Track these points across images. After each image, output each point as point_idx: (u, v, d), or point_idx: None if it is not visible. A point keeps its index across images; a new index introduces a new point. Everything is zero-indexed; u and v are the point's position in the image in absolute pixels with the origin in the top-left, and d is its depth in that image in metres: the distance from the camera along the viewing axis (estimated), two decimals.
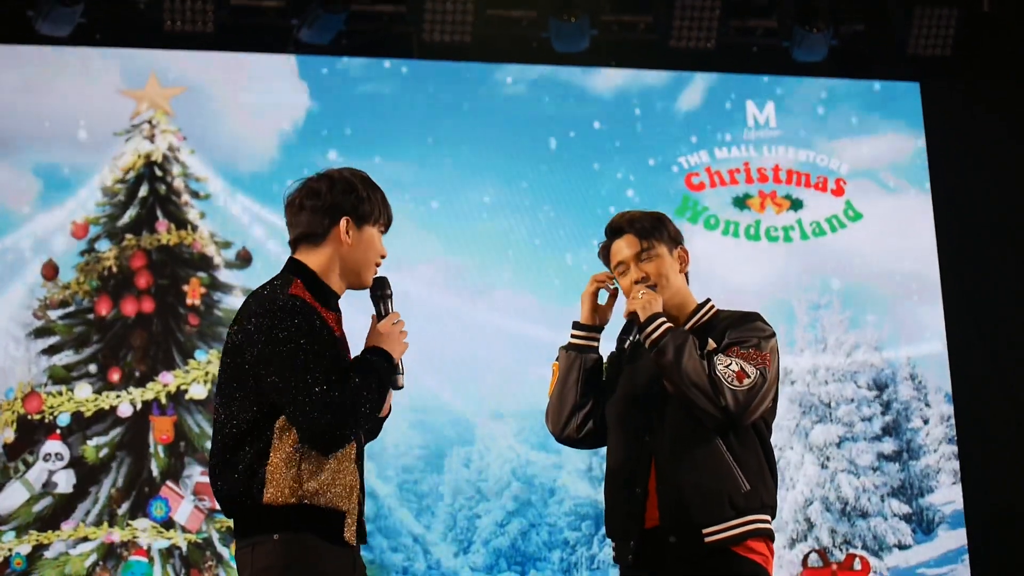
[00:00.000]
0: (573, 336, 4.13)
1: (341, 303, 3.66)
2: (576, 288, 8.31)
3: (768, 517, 3.86)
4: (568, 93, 8.92)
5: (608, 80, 8.98)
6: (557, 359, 4.16)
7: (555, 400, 4.14)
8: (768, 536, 3.85)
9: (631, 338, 3.94)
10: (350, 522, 3.48)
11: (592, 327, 4.11)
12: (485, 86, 8.87)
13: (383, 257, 3.66)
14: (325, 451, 3.40)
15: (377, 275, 3.68)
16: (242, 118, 8.47)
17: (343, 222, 3.56)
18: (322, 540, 3.41)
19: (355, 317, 3.76)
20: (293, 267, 3.58)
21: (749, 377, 3.76)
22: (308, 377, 3.34)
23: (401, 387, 3.64)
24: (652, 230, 4.02)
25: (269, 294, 3.49)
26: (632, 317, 3.93)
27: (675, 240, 4.07)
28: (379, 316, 3.66)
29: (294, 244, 3.63)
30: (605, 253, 4.11)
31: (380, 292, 3.68)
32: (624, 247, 4.03)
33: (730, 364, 3.78)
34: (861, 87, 9.20)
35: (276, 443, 3.40)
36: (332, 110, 8.60)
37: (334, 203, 3.56)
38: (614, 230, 4.08)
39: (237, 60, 8.61)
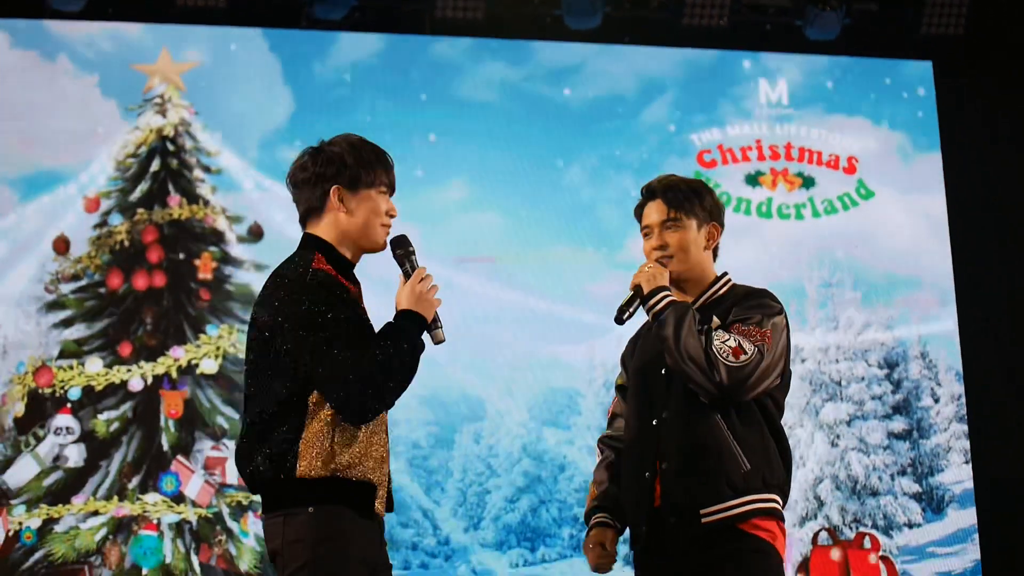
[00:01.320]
0: None
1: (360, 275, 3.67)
2: (588, 267, 8.43)
3: (773, 496, 3.82)
4: (581, 69, 8.90)
5: (621, 57, 8.96)
6: None
7: None
8: (774, 515, 3.82)
9: (631, 310, 3.92)
10: (381, 494, 3.51)
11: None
12: (496, 64, 8.85)
13: (392, 216, 3.65)
14: (358, 422, 3.41)
15: (395, 234, 3.66)
16: (254, 92, 8.46)
17: (333, 192, 3.57)
18: (354, 513, 3.43)
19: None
20: (312, 242, 3.60)
21: (746, 354, 3.74)
22: (336, 350, 3.35)
23: (442, 341, 3.64)
24: (683, 201, 4.00)
25: (292, 270, 3.50)
26: (636, 290, 3.91)
27: (709, 213, 4.04)
28: (405, 276, 3.63)
29: (303, 220, 3.66)
30: (638, 212, 4.10)
31: (400, 251, 3.65)
32: (653, 212, 4.02)
33: (728, 340, 3.77)
34: (874, 66, 9.18)
35: (310, 418, 3.41)
36: (343, 83, 8.59)
37: (322, 174, 3.58)
38: (650, 192, 4.07)
39: (249, 35, 8.60)
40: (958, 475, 8.62)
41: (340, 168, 3.58)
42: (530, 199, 8.69)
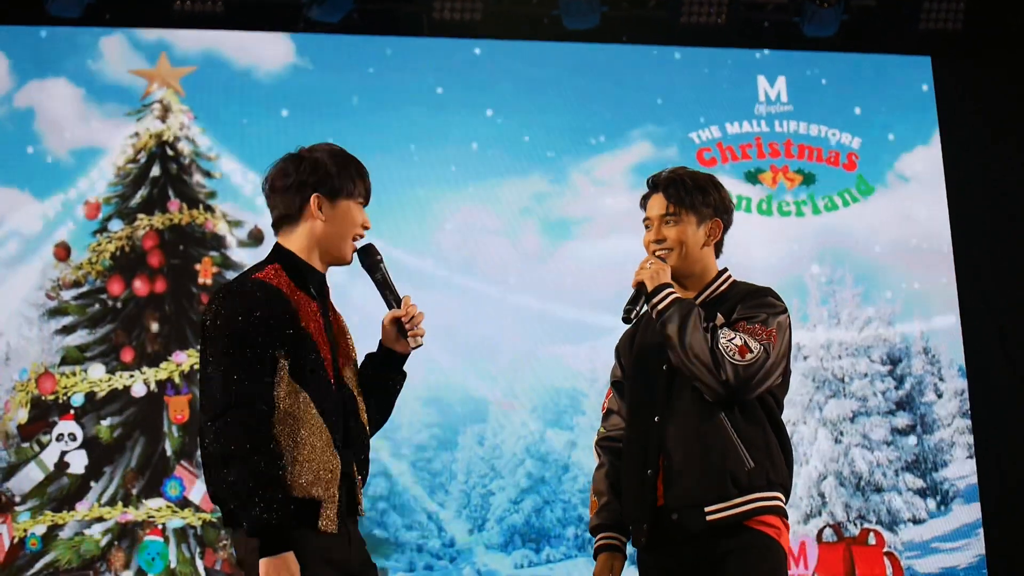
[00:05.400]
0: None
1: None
2: (589, 267, 8.42)
3: (776, 494, 3.81)
4: (582, 69, 8.89)
5: (619, 56, 8.95)
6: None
7: None
8: (778, 512, 3.81)
9: (637, 308, 3.91)
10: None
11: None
12: (498, 61, 8.84)
13: (366, 228, 3.61)
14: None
15: (361, 245, 3.62)
16: (252, 96, 8.45)
17: (313, 199, 3.52)
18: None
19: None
20: (273, 251, 3.56)
21: (752, 352, 3.72)
22: (217, 374, 3.32)
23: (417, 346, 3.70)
24: (684, 197, 3.96)
25: (234, 279, 3.51)
26: (640, 287, 3.89)
27: (714, 210, 3.99)
28: (380, 288, 3.65)
29: (275, 227, 3.61)
30: (643, 203, 4.07)
31: (369, 261, 3.63)
32: (655, 205, 3.99)
33: (733, 338, 3.74)
34: (872, 61, 9.18)
35: None
36: (339, 87, 8.58)
37: (302, 181, 3.53)
38: (654, 184, 4.04)
39: (247, 38, 8.59)
40: (962, 470, 8.62)
41: (323, 176, 3.54)
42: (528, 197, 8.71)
